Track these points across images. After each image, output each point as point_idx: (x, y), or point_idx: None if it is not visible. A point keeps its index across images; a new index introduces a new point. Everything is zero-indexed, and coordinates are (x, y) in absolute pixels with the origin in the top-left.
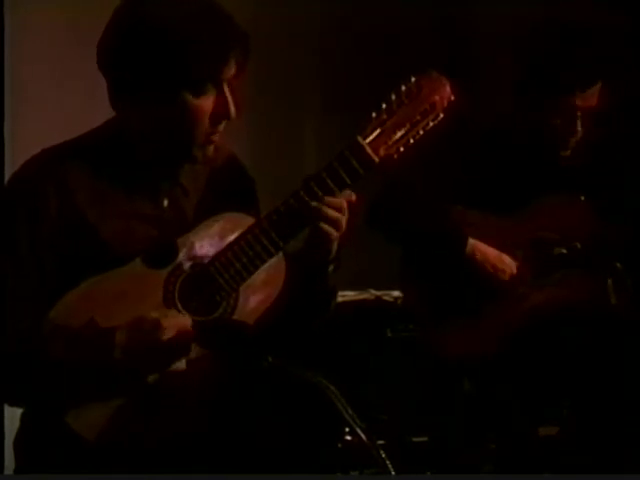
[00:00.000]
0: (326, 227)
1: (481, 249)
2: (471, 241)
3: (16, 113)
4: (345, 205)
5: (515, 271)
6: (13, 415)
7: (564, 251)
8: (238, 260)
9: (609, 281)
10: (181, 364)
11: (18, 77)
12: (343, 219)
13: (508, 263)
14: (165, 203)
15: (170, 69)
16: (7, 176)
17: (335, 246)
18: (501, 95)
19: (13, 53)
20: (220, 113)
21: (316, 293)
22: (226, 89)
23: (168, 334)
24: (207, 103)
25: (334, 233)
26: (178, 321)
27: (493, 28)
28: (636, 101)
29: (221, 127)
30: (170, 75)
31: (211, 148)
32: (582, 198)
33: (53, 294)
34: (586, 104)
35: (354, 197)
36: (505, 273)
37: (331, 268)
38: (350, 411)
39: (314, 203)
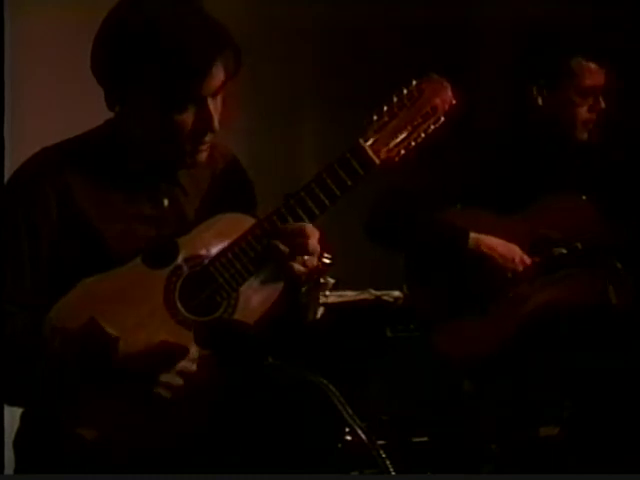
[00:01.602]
0: (294, 265)
1: (486, 241)
2: (473, 235)
3: (16, 113)
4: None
5: (526, 259)
6: (13, 415)
7: (564, 251)
8: (239, 260)
9: (609, 281)
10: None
11: (18, 77)
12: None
13: (518, 252)
14: (165, 203)
15: (150, 87)
16: (7, 176)
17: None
18: (502, 94)
19: (13, 53)
20: (203, 128)
21: (291, 309)
22: (210, 103)
23: (170, 347)
24: (190, 119)
25: (301, 269)
26: (181, 338)
27: (495, 29)
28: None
29: (207, 139)
30: (151, 92)
31: (203, 155)
32: (583, 197)
33: (53, 294)
34: (585, 84)
35: (317, 235)
36: (515, 262)
37: (304, 289)
38: (350, 411)
39: (273, 241)
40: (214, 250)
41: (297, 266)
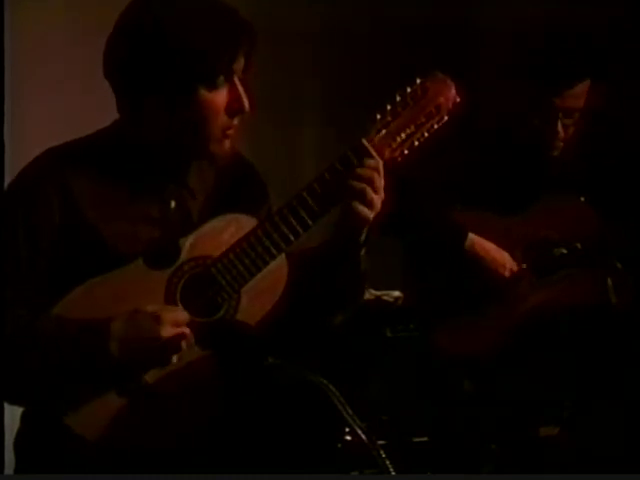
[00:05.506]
0: (360, 207)
1: (481, 244)
2: (471, 235)
3: (16, 113)
4: (378, 178)
5: (515, 268)
6: (13, 415)
7: (564, 251)
8: (240, 261)
9: (609, 281)
10: (180, 362)
11: (18, 77)
12: (377, 197)
13: (508, 259)
14: (172, 205)
15: (181, 66)
16: (7, 176)
17: (366, 229)
18: (502, 95)
19: (13, 53)
20: (234, 106)
21: (348, 279)
22: (237, 82)
23: (165, 327)
24: (221, 97)
25: (368, 213)
26: (176, 315)
27: (497, 29)
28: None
29: (236, 121)
30: (182, 72)
31: (227, 142)
32: (582, 199)
33: (54, 294)
34: (567, 104)
35: (381, 165)
36: (505, 268)
37: (363, 251)
38: (350, 411)
39: (349, 180)
40: (216, 251)
41: (362, 207)
